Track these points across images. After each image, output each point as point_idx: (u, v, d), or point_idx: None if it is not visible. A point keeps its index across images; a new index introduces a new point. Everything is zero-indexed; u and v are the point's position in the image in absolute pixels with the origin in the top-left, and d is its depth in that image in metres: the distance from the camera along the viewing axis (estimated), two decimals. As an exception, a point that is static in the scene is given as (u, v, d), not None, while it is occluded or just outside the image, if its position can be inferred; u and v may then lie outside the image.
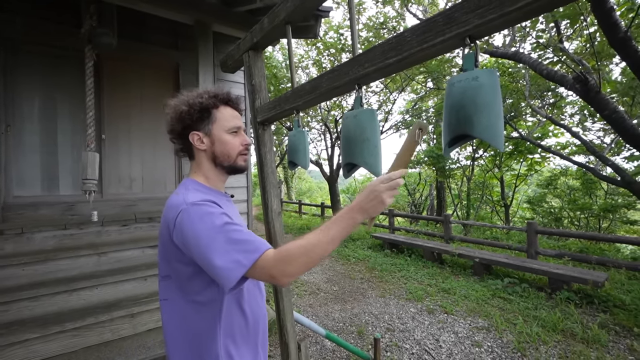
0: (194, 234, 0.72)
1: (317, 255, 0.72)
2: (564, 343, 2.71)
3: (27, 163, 3.11)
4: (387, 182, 0.75)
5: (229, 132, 0.89)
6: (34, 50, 3.10)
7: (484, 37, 0.81)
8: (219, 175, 0.93)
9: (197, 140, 0.88)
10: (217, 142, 0.88)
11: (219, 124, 0.88)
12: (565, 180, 8.74)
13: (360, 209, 0.74)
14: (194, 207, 0.75)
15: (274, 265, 0.70)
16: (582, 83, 3.07)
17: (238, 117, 0.93)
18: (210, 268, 0.71)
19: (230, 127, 0.90)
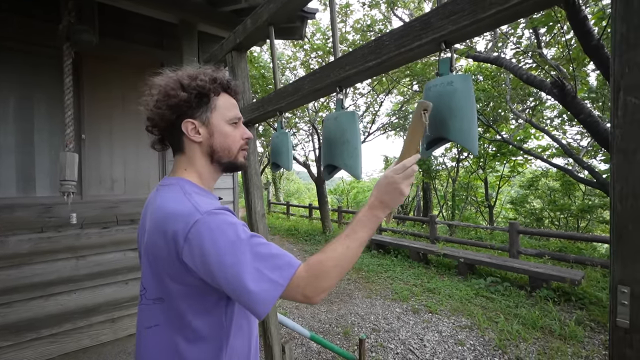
0: (217, 251, 0.59)
1: (349, 263, 0.66)
2: (543, 340, 2.79)
3: (1, 164, 2.99)
4: (403, 171, 0.69)
5: (230, 123, 0.77)
6: (8, 48, 2.99)
7: (458, 42, 0.83)
8: (213, 174, 0.79)
9: (191, 130, 0.73)
10: (216, 134, 0.75)
11: (219, 112, 0.75)
12: (546, 181, 9.05)
13: (381, 203, 0.69)
14: (212, 217, 0.62)
15: (308, 282, 0.62)
16: (559, 88, 3.19)
17: (237, 106, 0.81)
18: (241, 291, 0.58)
19: (232, 117, 0.77)
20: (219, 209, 0.65)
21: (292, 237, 7.95)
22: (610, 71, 0.54)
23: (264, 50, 8.67)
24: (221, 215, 0.64)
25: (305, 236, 7.74)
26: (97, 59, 3.33)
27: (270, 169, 7.13)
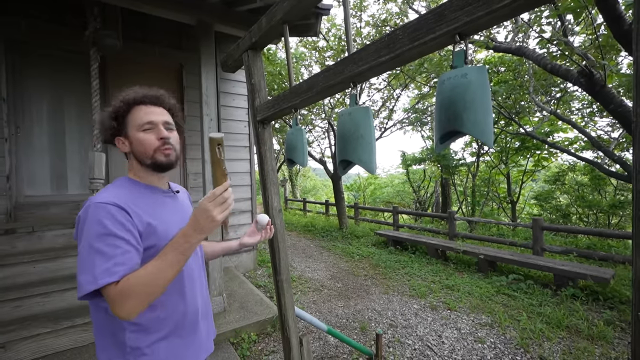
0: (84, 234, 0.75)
1: (160, 284, 0.72)
2: (569, 339, 2.69)
3: (36, 163, 3.20)
4: (213, 199, 0.74)
5: (141, 130, 0.88)
6: (40, 53, 3.18)
7: (473, 34, 0.82)
8: (148, 173, 0.92)
9: (121, 144, 0.90)
10: (134, 143, 0.88)
11: (132, 124, 0.88)
12: (574, 176, 8.63)
13: (195, 230, 0.73)
14: (94, 207, 0.77)
15: (113, 299, 0.70)
16: (586, 77, 3.03)
17: (155, 112, 0.90)
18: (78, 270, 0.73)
19: (141, 125, 0.88)
20: (107, 203, 0.78)
21: (309, 233, 8.01)
22: (634, 60, 0.52)
23: (280, 47, 8.73)
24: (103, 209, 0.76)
25: (322, 232, 7.79)
26: (120, 62, 3.49)
27: (286, 165, 7.18)
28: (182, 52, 3.89)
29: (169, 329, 0.87)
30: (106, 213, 0.76)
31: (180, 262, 0.74)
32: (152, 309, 0.84)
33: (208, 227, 0.74)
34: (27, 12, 3.05)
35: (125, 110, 0.89)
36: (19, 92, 3.08)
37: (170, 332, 0.87)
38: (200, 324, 0.95)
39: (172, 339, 0.87)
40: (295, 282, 4.19)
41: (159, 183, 0.95)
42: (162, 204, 0.92)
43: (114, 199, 0.80)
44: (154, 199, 0.90)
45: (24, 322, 2.28)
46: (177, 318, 0.88)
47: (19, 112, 3.08)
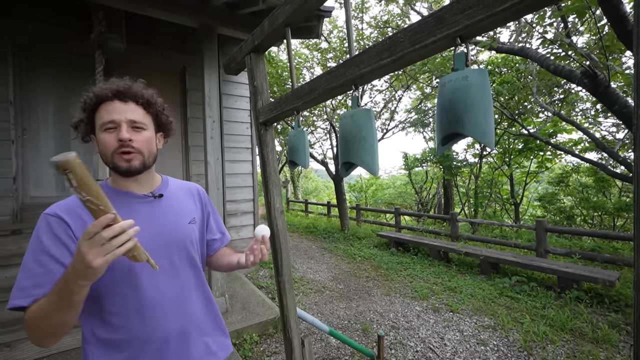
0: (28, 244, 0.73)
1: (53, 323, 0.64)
2: (572, 342, 2.67)
3: (42, 165, 3.23)
4: (88, 239, 0.58)
5: (103, 130, 0.76)
6: (46, 55, 3.22)
7: (474, 37, 0.82)
8: (117, 178, 0.83)
9: (95, 144, 0.81)
10: (99, 144, 0.78)
11: (97, 123, 0.78)
12: (578, 177, 8.56)
13: (74, 274, 0.60)
14: (41, 217, 0.75)
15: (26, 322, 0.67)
16: (590, 78, 3.01)
17: (119, 110, 0.77)
18: None
19: (103, 124, 0.76)
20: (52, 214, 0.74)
21: (311, 234, 8.01)
22: (634, 62, 0.53)
23: (282, 49, 8.76)
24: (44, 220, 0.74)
25: (324, 234, 7.79)
26: (124, 64, 3.52)
27: (288, 167, 7.15)
28: (185, 54, 3.92)
29: (133, 352, 0.78)
30: (45, 225, 0.73)
31: (65, 306, 0.63)
32: (110, 328, 0.77)
33: (84, 273, 0.58)
34: (33, 16, 3.09)
35: (94, 107, 0.78)
36: (25, 94, 3.12)
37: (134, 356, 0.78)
38: (175, 348, 0.82)
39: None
40: (297, 284, 4.19)
41: (137, 188, 0.84)
42: (132, 211, 0.80)
43: (60, 208, 0.75)
44: (124, 206, 0.78)
45: (28, 322, 2.29)
46: (139, 343, 0.78)
47: (25, 114, 3.12)
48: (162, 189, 0.91)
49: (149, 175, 0.88)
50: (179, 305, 0.85)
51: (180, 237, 0.88)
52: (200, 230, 0.98)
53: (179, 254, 0.87)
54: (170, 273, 0.84)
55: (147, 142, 0.82)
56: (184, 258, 0.89)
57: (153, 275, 0.81)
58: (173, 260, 0.86)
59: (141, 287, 0.79)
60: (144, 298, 0.79)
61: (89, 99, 0.78)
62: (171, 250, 0.85)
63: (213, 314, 0.96)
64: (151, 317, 0.80)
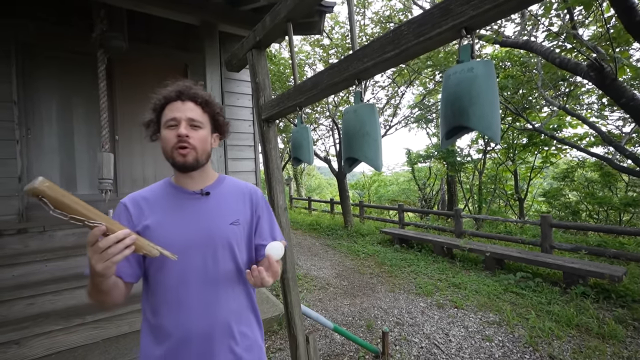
0: None
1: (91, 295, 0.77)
2: (579, 338, 2.66)
3: (47, 164, 3.25)
4: (89, 247, 0.64)
5: (166, 127, 0.85)
6: (48, 55, 3.23)
7: (480, 28, 0.80)
8: (178, 174, 0.91)
9: (160, 142, 0.88)
10: (162, 141, 0.86)
11: (162, 122, 0.86)
12: (583, 172, 8.47)
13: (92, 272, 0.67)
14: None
15: None
16: (596, 71, 2.96)
17: (181, 108, 0.85)
18: None
19: (166, 122, 0.85)
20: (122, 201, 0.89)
21: (314, 231, 8.02)
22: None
23: (284, 46, 8.73)
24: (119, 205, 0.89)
25: (327, 231, 7.79)
26: (126, 63, 3.52)
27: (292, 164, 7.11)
28: (187, 52, 3.91)
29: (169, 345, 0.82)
30: (117, 209, 0.88)
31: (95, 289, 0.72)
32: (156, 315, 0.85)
33: (94, 273, 0.66)
34: (35, 15, 3.10)
35: (160, 107, 0.87)
36: (29, 94, 3.13)
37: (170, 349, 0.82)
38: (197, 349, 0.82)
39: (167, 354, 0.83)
40: (301, 281, 4.20)
41: (190, 184, 0.91)
42: (180, 206, 0.88)
43: (129, 197, 0.90)
44: (174, 201, 0.89)
45: (36, 319, 2.32)
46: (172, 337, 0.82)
47: (29, 114, 3.14)
48: (212, 187, 0.94)
49: (202, 172, 0.92)
50: (206, 305, 0.85)
51: (219, 237, 0.88)
52: (247, 232, 0.95)
53: (216, 253, 0.87)
54: (201, 271, 0.85)
55: (202, 140, 0.88)
56: (222, 257, 0.88)
57: (184, 270, 0.84)
58: (207, 258, 0.86)
59: (171, 280, 0.84)
60: (172, 291, 0.84)
61: (158, 100, 0.87)
62: (208, 248, 0.86)
63: (249, 319, 0.94)
64: (176, 310, 0.83)
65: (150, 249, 0.72)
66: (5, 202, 2.95)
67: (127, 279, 0.83)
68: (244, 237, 0.94)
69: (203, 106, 0.89)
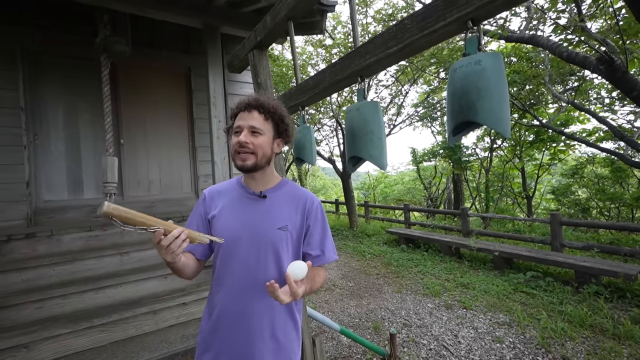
0: None
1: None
2: (593, 339, 2.58)
3: (54, 169, 3.28)
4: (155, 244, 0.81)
5: (233, 134, 0.96)
6: (53, 61, 3.26)
7: (486, 19, 0.77)
8: (245, 175, 1.02)
9: None
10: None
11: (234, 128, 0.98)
12: (593, 168, 8.30)
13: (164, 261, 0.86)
14: None
15: None
16: (606, 64, 2.89)
17: (245, 117, 0.95)
18: None
19: (233, 129, 0.97)
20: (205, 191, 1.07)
21: (320, 232, 7.99)
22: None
23: (285, 48, 8.73)
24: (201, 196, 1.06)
25: (333, 231, 7.75)
26: (130, 67, 3.54)
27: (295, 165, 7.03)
28: (190, 56, 3.92)
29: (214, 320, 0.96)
30: (200, 197, 1.06)
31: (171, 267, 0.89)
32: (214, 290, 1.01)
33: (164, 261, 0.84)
34: (39, 23, 3.13)
35: (233, 117, 0.99)
36: (35, 100, 3.17)
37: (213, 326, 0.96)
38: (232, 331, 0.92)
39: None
40: (308, 282, 4.18)
41: (253, 185, 1.01)
42: (240, 204, 1.00)
43: (211, 189, 1.07)
44: (237, 198, 1.01)
45: (45, 322, 2.34)
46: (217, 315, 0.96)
47: (36, 120, 3.17)
48: (272, 190, 1.01)
49: (264, 175, 1.01)
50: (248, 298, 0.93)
51: (264, 237, 0.95)
52: (295, 238, 0.98)
53: (259, 251, 0.95)
54: (244, 263, 0.95)
55: (262, 146, 0.95)
56: (264, 257, 0.94)
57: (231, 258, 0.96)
58: (251, 254, 0.95)
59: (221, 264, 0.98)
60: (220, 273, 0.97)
61: (233, 110, 0.99)
62: (252, 245, 0.95)
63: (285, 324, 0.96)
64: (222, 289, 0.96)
65: (201, 238, 0.87)
66: (14, 207, 2.99)
67: (198, 256, 1.00)
68: (291, 243, 0.97)
69: (266, 114, 0.96)
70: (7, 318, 2.33)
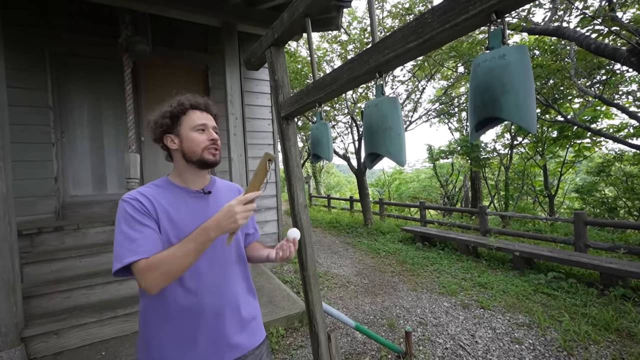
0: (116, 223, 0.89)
1: (174, 266, 0.81)
2: (619, 343, 2.48)
3: (80, 165, 3.44)
4: (244, 204, 0.84)
5: (195, 130, 0.97)
6: (79, 62, 3.40)
7: (510, 11, 0.75)
8: (192, 172, 1.00)
9: (170, 142, 0.98)
10: (184, 140, 0.97)
11: (185, 125, 0.97)
12: (621, 166, 7.89)
13: (216, 226, 0.83)
14: (121, 202, 0.89)
15: (139, 272, 0.81)
16: (639, 55, 2.74)
17: (206, 117, 1.01)
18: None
19: (195, 126, 0.97)
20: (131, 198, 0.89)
21: (334, 229, 8.00)
22: None
23: (301, 45, 8.73)
24: (127, 202, 0.88)
25: (347, 229, 7.75)
26: (150, 66, 3.65)
27: (310, 162, 7.08)
28: (207, 54, 4.00)
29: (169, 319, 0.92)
30: (128, 204, 0.88)
31: (197, 252, 0.83)
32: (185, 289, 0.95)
33: (228, 227, 0.83)
34: (65, 24, 3.27)
35: (181, 112, 0.98)
36: (62, 100, 3.32)
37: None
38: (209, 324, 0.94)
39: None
40: (322, 278, 4.20)
41: (193, 184, 1.01)
42: (185, 204, 0.97)
43: (137, 193, 0.92)
44: (178, 198, 0.97)
45: (72, 311, 2.47)
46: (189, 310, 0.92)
47: (63, 118, 3.33)
48: (210, 187, 1.06)
49: (206, 173, 1.05)
50: (218, 287, 0.97)
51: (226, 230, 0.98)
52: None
53: (223, 245, 0.99)
54: (215, 261, 0.98)
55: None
56: (229, 249, 1.01)
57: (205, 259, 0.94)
58: (217, 250, 0.98)
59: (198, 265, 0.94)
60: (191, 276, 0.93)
61: (178, 106, 0.98)
62: (217, 241, 0.96)
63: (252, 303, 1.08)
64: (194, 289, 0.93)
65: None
66: (44, 201, 3.15)
67: None
68: (240, 228, 1.07)
69: (215, 117, 1.06)
70: (38, 306, 2.47)
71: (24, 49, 3.05)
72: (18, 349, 2.12)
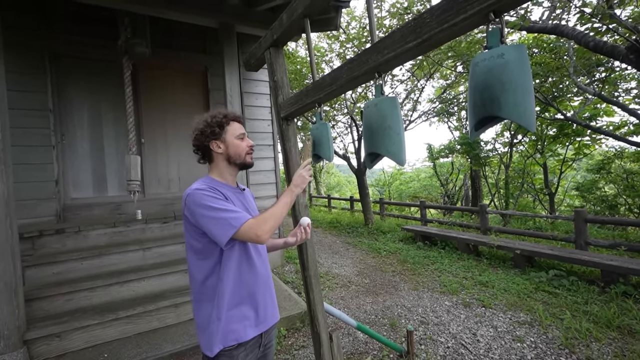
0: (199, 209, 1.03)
1: (279, 217, 1.08)
2: (621, 341, 2.48)
3: (80, 168, 3.44)
4: (304, 166, 1.22)
5: (238, 138, 1.19)
6: (78, 64, 3.40)
7: (509, 10, 0.75)
8: (231, 172, 1.21)
9: (215, 147, 1.17)
10: (230, 146, 1.18)
11: (230, 133, 1.18)
12: (621, 163, 7.89)
13: (296, 185, 1.18)
14: (197, 191, 1.05)
15: (254, 225, 1.01)
16: (637, 53, 2.74)
17: (243, 128, 1.24)
18: (210, 233, 1.02)
19: (239, 134, 1.19)
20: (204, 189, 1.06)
21: (335, 229, 8.00)
22: None
23: (300, 45, 8.73)
24: (204, 191, 1.05)
25: (348, 228, 7.75)
26: (149, 68, 3.65)
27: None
28: (207, 55, 4.00)
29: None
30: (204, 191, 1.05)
31: (289, 205, 1.13)
32: None
33: (304, 183, 1.19)
34: (64, 27, 3.27)
35: (226, 122, 1.18)
36: (62, 102, 3.32)
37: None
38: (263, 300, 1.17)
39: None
40: (323, 278, 4.20)
41: (232, 182, 1.23)
42: (235, 196, 1.18)
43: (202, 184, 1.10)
44: (230, 193, 1.17)
45: (74, 314, 2.47)
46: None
47: (63, 121, 3.33)
48: (240, 186, 1.30)
49: (238, 174, 1.27)
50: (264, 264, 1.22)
51: None
52: None
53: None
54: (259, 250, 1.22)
55: None
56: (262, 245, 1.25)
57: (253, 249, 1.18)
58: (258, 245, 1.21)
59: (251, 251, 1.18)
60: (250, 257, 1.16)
61: (224, 118, 1.18)
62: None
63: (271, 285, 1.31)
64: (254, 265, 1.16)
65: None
66: (45, 204, 3.15)
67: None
68: None
69: None
70: (40, 309, 2.48)
71: (24, 52, 3.05)
72: (20, 351, 2.12)
